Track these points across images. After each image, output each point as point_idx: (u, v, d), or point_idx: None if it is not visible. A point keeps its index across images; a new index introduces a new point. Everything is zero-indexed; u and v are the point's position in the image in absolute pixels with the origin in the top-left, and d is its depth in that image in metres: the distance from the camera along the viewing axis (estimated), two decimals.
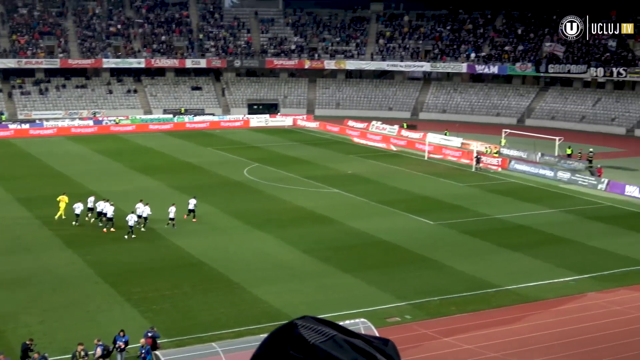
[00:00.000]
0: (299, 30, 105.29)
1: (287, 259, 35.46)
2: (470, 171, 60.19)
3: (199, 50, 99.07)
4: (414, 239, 39.44)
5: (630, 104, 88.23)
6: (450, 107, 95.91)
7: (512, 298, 30.91)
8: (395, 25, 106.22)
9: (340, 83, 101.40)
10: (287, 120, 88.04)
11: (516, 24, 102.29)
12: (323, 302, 29.63)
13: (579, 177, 56.39)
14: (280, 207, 46.06)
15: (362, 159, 65.25)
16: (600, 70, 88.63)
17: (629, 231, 42.41)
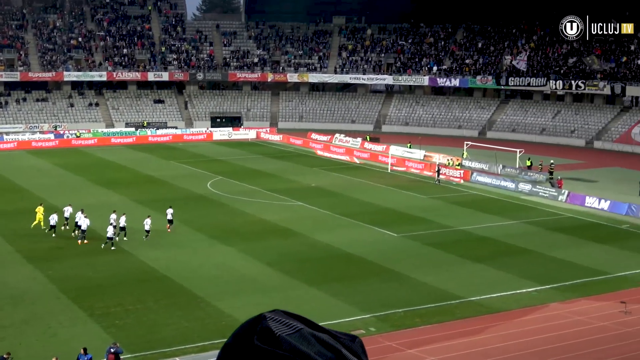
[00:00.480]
0: (262, 43, 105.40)
1: (251, 272, 35.36)
2: (432, 183, 60.63)
3: (162, 63, 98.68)
4: (377, 251, 39.57)
5: (589, 116, 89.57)
6: (412, 119, 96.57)
7: (475, 309, 31.13)
8: (358, 39, 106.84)
9: (304, 96, 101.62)
10: (250, 133, 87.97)
11: (477, 37, 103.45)
12: None
13: (540, 188, 57.06)
14: (244, 220, 45.96)
15: (326, 171, 65.38)
16: (559, 83, 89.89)
17: (589, 242, 42.99)
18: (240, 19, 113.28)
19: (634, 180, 61.04)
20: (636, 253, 40.67)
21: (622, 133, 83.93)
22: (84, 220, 39.94)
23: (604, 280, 35.72)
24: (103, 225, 40.18)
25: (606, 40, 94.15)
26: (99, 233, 40.29)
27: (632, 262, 38.93)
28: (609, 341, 28.37)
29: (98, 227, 40.78)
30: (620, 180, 63.00)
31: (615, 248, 41.74)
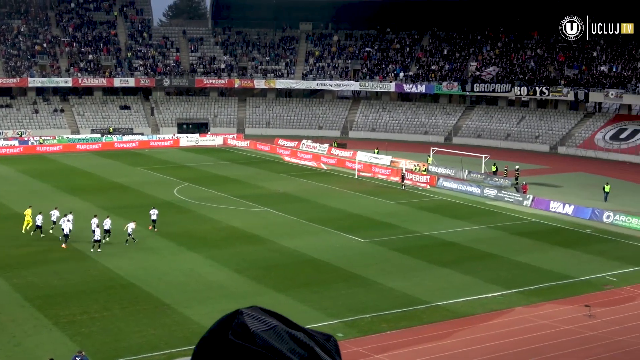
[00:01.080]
0: (229, 50, 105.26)
1: (219, 279, 35.29)
2: (399, 189, 60.92)
3: (128, 69, 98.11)
4: (344, 256, 39.69)
5: (553, 122, 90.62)
6: (379, 125, 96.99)
7: (442, 314, 31.34)
8: (324, 45, 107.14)
9: (271, 102, 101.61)
10: (217, 140, 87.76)
11: (442, 43, 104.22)
12: None
13: (505, 193, 57.60)
14: (211, 227, 45.85)
15: (293, 177, 65.42)
16: (524, 89, 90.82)
17: (554, 246, 43.48)
18: (207, 25, 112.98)
19: (597, 185, 61.87)
20: (600, 257, 41.24)
21: (585, 138, 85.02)
22: (67, 225, 40.37)
23: (569, 284, 36.14)
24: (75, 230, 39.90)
25: (569, 47, 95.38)
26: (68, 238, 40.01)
27: (596, 266, 39.47)
28: (574, 345, 28.73)
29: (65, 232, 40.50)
30: (584, 185, 63.82)
31: (579, 252, 42.26)
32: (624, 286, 36.05)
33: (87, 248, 39.65)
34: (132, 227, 41.03)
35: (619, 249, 43.51)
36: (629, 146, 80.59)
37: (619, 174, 68.85)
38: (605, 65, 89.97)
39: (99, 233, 39.43)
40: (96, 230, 39.49)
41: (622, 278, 37.38)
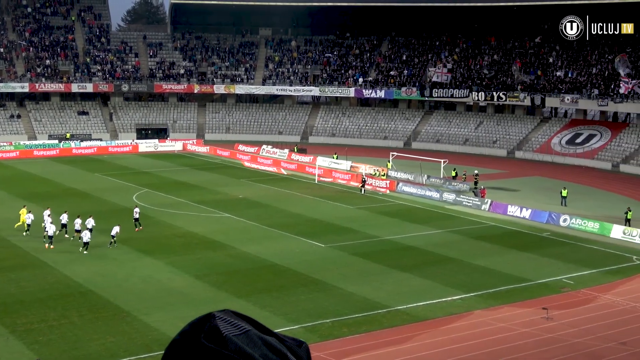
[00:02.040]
0: (188, 55, 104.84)
1: (179, 285, 35.12)
2: (359, 194, 61.17)
3: (86, 74, 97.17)
4: (305, 261, 39.76)
5: (511, 127, 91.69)
6: (339, 130, 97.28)
7: (402, 318, 31.53)
8: (284, 50, 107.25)
9: (230, 107, 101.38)
10: (176, 145, 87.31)
11: (401, 49, 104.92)
12: None
13: (464, 198, 58.14)
14: (171, 233, 45.61)
15: (253, 183, 65.34)
16: (481, 94, 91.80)
17: (511, 249, 44.01)
18: (166, 30, 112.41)
19: (554, 189, 62.74)
20: (557, 260, 41.82)
21: (542, 143, 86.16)
22: (50, 226, 41.12)
23: (526, 287, 36.59)
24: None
25: (526, 53, 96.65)
26: None
27: (553, 269, 40.01)
28: (532, 347, 29.09)
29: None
30: (540, 189, 64.66)
31: (537, 255, 42.81)
32: (580, 289, 36.59)
33: (45, 255, 39.26)
34: (117, 230, 41.43)
35: (575, 251, 44.16)
36: (584, 150, 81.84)
37: (575, 178, 69.90)
38: (561, 71, 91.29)
39: (89, 235, 40.10)
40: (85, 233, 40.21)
41: (578, 281, 37.95)
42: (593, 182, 69.39)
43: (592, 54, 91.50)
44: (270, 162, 76.43)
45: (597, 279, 38.55)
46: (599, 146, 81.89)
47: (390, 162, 71.40)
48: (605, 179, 71.72)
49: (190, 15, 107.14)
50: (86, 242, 39.94)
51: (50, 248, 40.53)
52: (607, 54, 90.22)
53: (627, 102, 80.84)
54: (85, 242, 39.95)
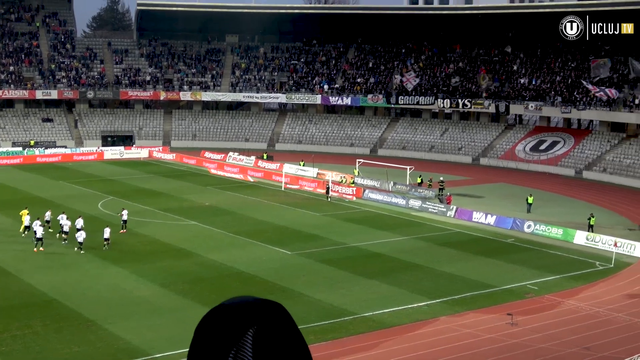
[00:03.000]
0: (154, 61, 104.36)
1: (144, 294, 34.92)
2: (326, 201, 61.30)
3: (50, 81, 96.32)
4: (271, 269, 39.76)
5: (476, 134, 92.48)
6: (305, 137, 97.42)
7: (369, 325, 31.65)
8: (251, 57, 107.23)
9: (197, 114, 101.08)
10: (142, 152, 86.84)
11: (368, 56, 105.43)
12: (182, 336, 29.26)
13: (430, 204, 58.51)
14: (137, 241, 45.34)
15: (220, 190, 65.17)
16: (447, 101, 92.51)
17: (477, 256, 44.37)
18: (132, 37, 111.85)
19: (518, 195, 63.42)
20: (521, 266, 42.25)
21: (506, 150, 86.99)
22: (39, 229, 42.01)
23: (491, 293, 36.93)
24: None
25: (490, 60, 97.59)
26: None
27: (518, 274, 40.42)
28: (497, 352, 29.36)
29: None
30: (505, 196, 65.28)
31: (502, 261, 43.22)
32: (544, 294, 37.00)
33: (7, 263, 38.85)
34: (109, 231, 42.68)
35: (539, 257, 44.64)
36: (548, 157, 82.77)
37: (539, 185, 70.65)
38: (525, 78, 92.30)
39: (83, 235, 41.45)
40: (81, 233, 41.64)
41: (542, 286, 38.37)
42: (557, 188, 70.20)
43: (556, 62, 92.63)
44: (237, 169, 76.29)
45: (561, 284, 39.01)
46: (563, 153, 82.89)
47: (356, 169, 71.64)
48: (569, 186, 72.60)
49: (156, 21, 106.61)
50: (81, 242, 41.40)
51: (40, 250, 41.50)
52: (570, 62, 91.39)
53: (589, 110, 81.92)
54: (80, 242, 41.40)
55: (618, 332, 31.73)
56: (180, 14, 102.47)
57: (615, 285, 39.20)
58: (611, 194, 68.25)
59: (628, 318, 33.43)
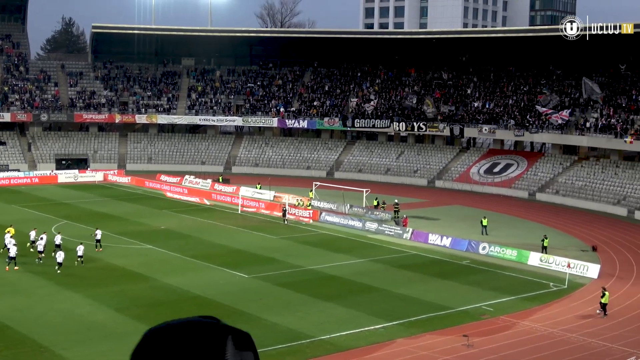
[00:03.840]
0: (109, 84, 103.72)
1: (99, 319, 34.52)
2: (282, 224, 61.29)
3: (3, 103, 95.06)
4: (228, 292, 39.61)
5: (431, 156, 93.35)
6: (262, 160, 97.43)
7: (326, 348, 31.65)
8: (207, 80, 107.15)
9: (152, 137, 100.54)
10: (97, 176, 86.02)
11: (324, 79, 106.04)
12: None
13: (386, 227, 58.82)
14: (91, 265, 44.80)
15: (176, 213, 64.80)
16: (402, 124, 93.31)
17: (433, 278, 44.69)
18: (87, 59, 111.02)
19: (473, 217, 64.06)
20: (476, 287, 42.65)
21: (461, 172, 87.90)
22: (13, 248, 42.95)
23: (447, 315, 37.19)
24: None
25: (444, 84, 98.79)
26: None
27: (473, 296, 40.77)
28: None
29: None
30: (460, 218, 65.90)
31: (457, 283, 43.58)
32: (499, 315, 37.37)
33: None
34: (82, 249, 43.93)
35: (494, 279, 45.11)
36: (502, 180, 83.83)
37: (494, 207, 71.43)
38: (478, 102, 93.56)
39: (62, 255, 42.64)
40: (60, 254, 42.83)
41: (497, 307, 38.76)
42: (511, 210, 71.07)
43: (509, 86, 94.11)
44: (193, 192, 75.95)
45: (515, 305, 39.44)
46: (516, 175, 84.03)
47: (313, 191, 71.77)
48: (523, 208, 73.54)
49: (111, 44, 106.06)
50: (60, 262, 42.35)
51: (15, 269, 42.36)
52: (522, 86, 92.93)
53: (542, 133, 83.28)
54: (59, 262, 42.35)
55: (572, 352, 32.16)
56: (135, 37, 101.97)
57: (569, 306, 39.74)
58: (564, 216, 69.31)
59: (582, 338, 33.91)
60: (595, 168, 79.70)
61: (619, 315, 37.79)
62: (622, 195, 73.02)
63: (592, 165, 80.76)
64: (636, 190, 72.76)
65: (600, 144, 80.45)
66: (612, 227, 64.60)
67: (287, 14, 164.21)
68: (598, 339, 33.78)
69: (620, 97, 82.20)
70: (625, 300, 40.76)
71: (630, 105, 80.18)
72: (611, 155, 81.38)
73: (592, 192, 75.56)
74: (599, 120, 79.80)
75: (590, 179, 78.11)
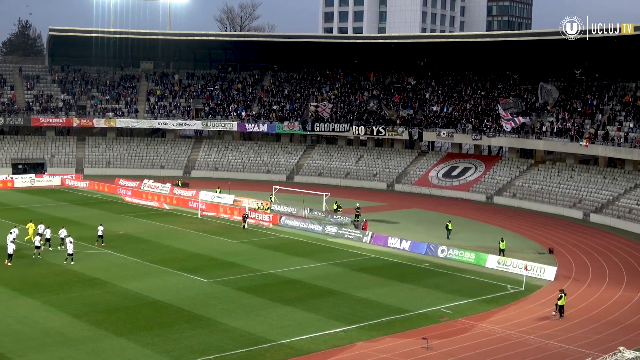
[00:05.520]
0: (67, 87, 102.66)
1: (56, 325, 34.12)
2: (242, 228, 61.12)
3: None
4: (187, 297, 39.43)
5: (390, 160, 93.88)
6: (222, 164, 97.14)
7: (286, 352, 31.65)
8: (166, 84, 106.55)
9: (111, 141, 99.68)
10: (54, 180, 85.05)
11: (283, 84, 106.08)
12: None
13: (346, 230, 58.99)
14: (48, 271, 44.31)
15: (135, 218, 64.32)
16: (362, 128, 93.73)
17: (392, 281, 44.93)
18: (44, 62, 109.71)
19: (432, 220, 64.58)
20: (435, 290, 42.98)
21: (420, 176, 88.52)
22: (10, 245, 45.44)
23: (407, 318, 37.42)
24: None
25: (404, 89, 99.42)
26: None
27: (432, 299, 41.09)
28: None
29: None
30: (419, 221, 66.40)
31: (416, 286, 43.88)
32: (458, 318, 37.69)
33: None
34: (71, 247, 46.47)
35: (453, 282, 45.49)
36: (460, 183, 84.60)
37: (452, 210, 72.08)
38: (437, 106, 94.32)
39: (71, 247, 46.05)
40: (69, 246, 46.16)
41: (456, 310, 39.10)
42: (469, 213, 71.74)
43: (466, 90, 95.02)
44: (152, 196, 75.46)
45: (474, 308, 39.82)
46: (474, 179, 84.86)
47: (273, 195, 71.74)
48: (481, 211, 74.31)
49: (69, 47, 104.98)
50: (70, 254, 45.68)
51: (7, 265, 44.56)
52: (480, 90, 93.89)
53: (499, 137, 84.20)
54: (69, 254, 45.70)
55: (530, 354, 32.55)
56: (93, 40, 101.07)
57: (526, 308, 40.23)
58: (521, 219, 70.16)
59: (539, 340, 34.35)
60: (552, 171, 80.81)
61: (575, 317, 38.35)
62: (578, 198, 74.12)
63: (549, 168, 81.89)
64: (591, 193, 73.90)
65: (557, 148, 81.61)
66: (568, 229, 65.55)
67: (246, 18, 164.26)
68: (555, 341, 34.25)
69: (576, 102, 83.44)
70: (581, 302, 41.40)
71: (586, 110, 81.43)
72: (567, 158, 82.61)
73: (548, 195, 76.59)
74: (555, 124, 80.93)
75: (546, 182, 79.16)
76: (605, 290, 44.49)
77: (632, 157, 73.24)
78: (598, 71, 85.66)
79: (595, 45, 77.85)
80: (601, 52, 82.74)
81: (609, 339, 34.44)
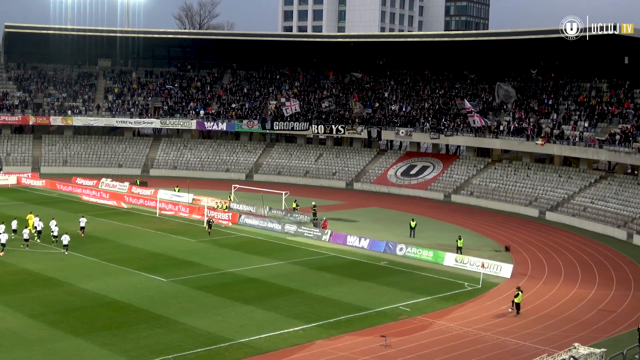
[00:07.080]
0: (23, 85, 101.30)
1: (12, 326, 33.73)
2: (201, 226, 60.89)
3: None
4: (146, 297, 39.25)
5: (349, 159, 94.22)
6: (180, 163, 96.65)
7: (245, 351, 31.68)
8: (124, 82, 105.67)
9: (68, 139, 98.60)
10: (10, 179, 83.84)
11: (243, 82, 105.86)
12: None
13: (305, 229, 59.13)
14: (3, 271, 43.76)
15: (92, 217, 63.66)
16: (321, 127, 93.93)
17: (351, 279, 45.17)
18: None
19: (390, 219, 64.98)
20: (394, 288, 43.31)
21: (378, 175, 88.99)
22: (3, 235, 47.29)
23: (366, 316, 37.67)
24: None
25: (362, 87, 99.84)
26: None
27: (391, 297, 41.41)
28: None
29: None
30: (378, 220, 66.77)
31: (375, 284, 44.16)
32: (416, 315, 38.04)
33: None
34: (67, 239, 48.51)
35: (411, 280, 45.88)
36: (418, 181, 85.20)
37: (410, 209, 72.57)
38: (395, 105, 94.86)
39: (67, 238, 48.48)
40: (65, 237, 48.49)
41: (414, 308, 39.45)
42: (427, 212, 72.30)
43: (425, 89, 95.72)
44: (110, 195, 74.83)
45: (432, 305, 40.22)
46: (432, 177, 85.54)
47: (232, 194, 71.59)
48: (439, 209, 74.96)
49: (25, 44, 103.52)
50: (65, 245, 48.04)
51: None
52: (438, 89, 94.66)
53: (457, 135, 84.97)
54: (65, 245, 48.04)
55: (486, 350, 32.99)
56: (50, 37, 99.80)
57: (483, 305, 40.73)
58: (478, 217, 70.91)
59: (496, 337, 34.81)
60: (508, 170, 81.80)
61: (531, 314, 38.93)
62: (534, 197, 75.12)
63: (505, 167, 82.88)
64: (547, 192, 74.95)
65: (513, 147, 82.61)
66: (524, 227, 66.43)
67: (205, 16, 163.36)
68: (511, 337, 34.75)
69: (532, 101, 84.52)
70: (537, 299, 42.02)
71: (542, 109, 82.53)
72: (523, 157, 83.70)
73: (505, 194, 77.50)
74: (511, 123, 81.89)
75: (503, 180, 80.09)
76: (560, 288, 45.21)
77: (587, 156, 74.45)
78: (554, 71, 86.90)
79: (551, 45, 78.94)
80: (556, 52, 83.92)
81: (564, 336, 35.02)
